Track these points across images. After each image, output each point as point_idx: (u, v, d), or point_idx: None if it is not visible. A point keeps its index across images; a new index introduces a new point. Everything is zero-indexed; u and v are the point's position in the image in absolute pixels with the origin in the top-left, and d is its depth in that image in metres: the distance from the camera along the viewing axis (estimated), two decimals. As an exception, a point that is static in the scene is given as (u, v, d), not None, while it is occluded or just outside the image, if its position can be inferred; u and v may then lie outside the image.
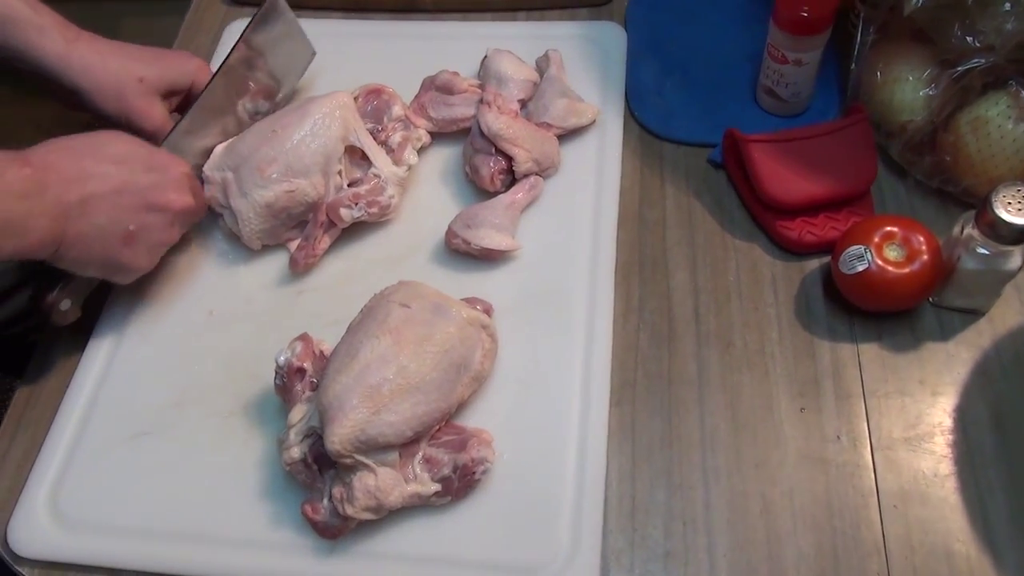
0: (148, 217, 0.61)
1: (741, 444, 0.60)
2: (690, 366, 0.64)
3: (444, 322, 0.58)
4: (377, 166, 0.69)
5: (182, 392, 0.65)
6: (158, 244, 0.64)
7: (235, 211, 0.67)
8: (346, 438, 0.53)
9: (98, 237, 0.59)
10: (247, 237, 0.68)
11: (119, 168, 0.59)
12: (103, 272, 0.62)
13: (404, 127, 0.73)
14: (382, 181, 0.69)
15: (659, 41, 0.81)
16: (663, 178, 0.74)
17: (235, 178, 0.67)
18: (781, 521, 0.57)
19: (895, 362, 0.63)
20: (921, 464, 0.58)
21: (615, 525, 0.58)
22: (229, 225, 0.69)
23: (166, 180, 0.62)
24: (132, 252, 0.62)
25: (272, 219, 0.68)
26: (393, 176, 0.70)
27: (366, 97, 0.73)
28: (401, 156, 0.71)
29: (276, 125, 0.68)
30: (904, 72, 0.68)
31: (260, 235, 0.69)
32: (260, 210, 0.67)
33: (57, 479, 0.62)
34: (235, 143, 0.69)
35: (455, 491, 0.57)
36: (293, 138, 0.67)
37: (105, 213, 0.58)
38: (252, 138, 0.68)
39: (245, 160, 0.67)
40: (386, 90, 0.74)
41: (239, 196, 0.67)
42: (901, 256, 0.61)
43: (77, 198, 0.57)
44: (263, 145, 0.67)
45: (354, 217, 0.68)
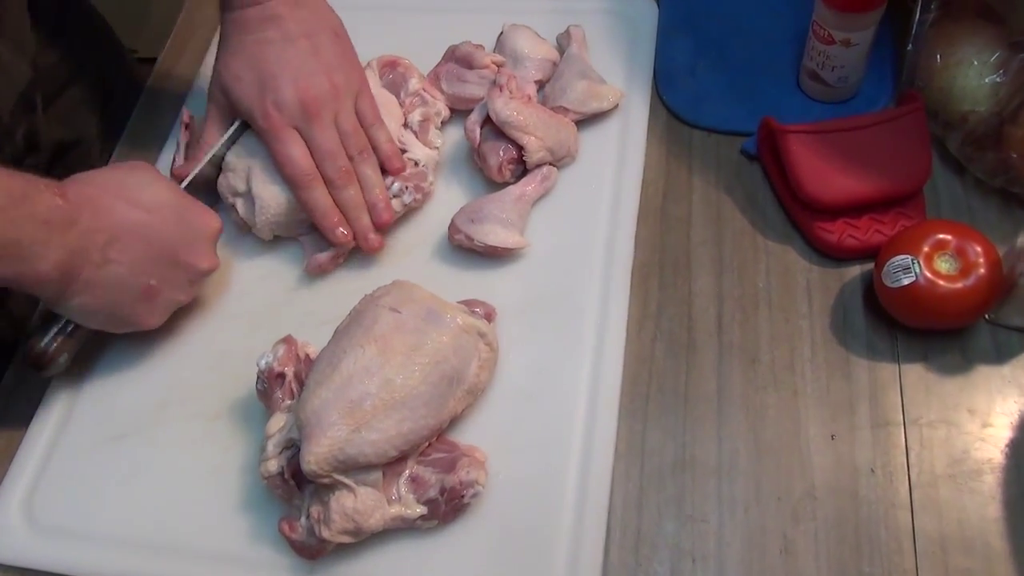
0: (171, 273, 0.57)
1: (762, 473, 0.54)
2: (710, 382, 0.58)
3: (436, 330, 0.53)
4: (412, 151, 0.64)
5: (166, 392, 0.61)
6: (173, 303, 0.59)
7: (255, 197, 0.63)
8: (323, 457, 0.49)
9: (114, 287, 0.55)
10: (261, 226, 0.64)
11: (152, 216, 0.56)
12: (106, 324, 0.58)
13: (422, 102, 0.68)
14: (422, 166, 0.65)
15: (693, 17, 0.74)
16: (691, 170, 0.67)
17: (262, 166, 0.63)
18: (803, 563, 0.51)
19: (942, 387, 0.56)
20: (966, 505, 0.52)
21: (616, 559, 0.52)
22: (243, 215, 0.65)
23: (198, 237, 0.58)
24: (146, 308, 0.57)
25: (293, 214, 0.63)
26: (430, 160, 0.66)
27: (381, 70, 0.68)
28: (427, 138, 0.66)
29: None
30: (968, 55, 0.60)
31: (275, 226, 0.64)
32: (283, 202, 0.63)
33: (32, 482, 0.59)
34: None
35: (442, 515, 0.52)
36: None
37: (128, 263, 0.55)
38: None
39: (261, 147, 0.63)
40: (402, 62, 0.69)
41: (264, 184, 0.63)
42: (954, 268, 0.53)
43: (104, 241, 0.53)
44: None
45: (404, 204, 0.64)
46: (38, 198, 0.51)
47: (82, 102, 0.77)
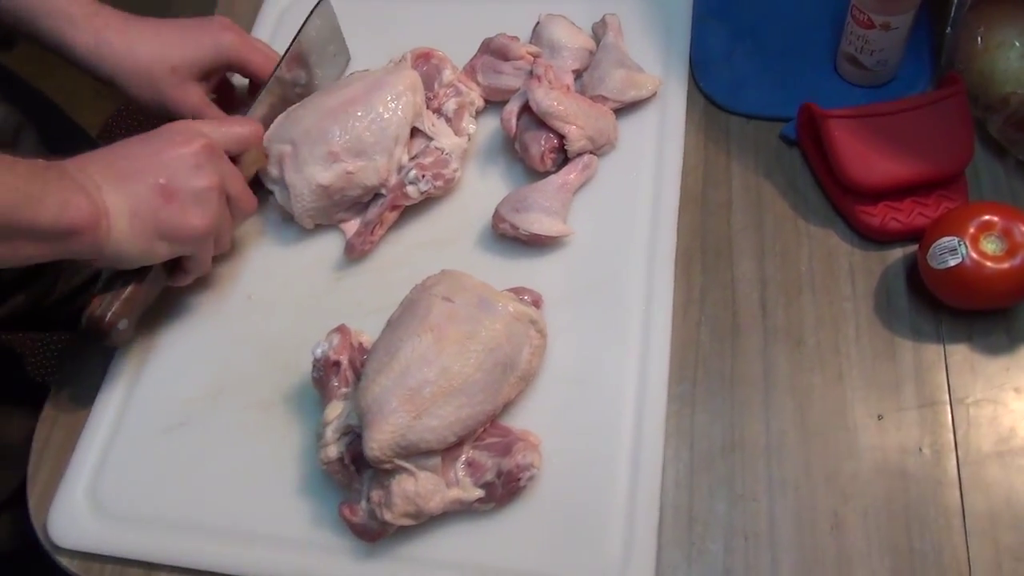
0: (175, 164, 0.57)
1: (811, 453, 0.55)
2: (756, 365, 0.59)
3: (490, 318, 0.54)
4: (438, 139, 0.65)
5: (219, 382, 0.63)
6: (200, 191, 0.58)
7: (289, 186, 0.64)
8: (386, 444, 0.50)
9: (130, 207, 0.55)
10: (299, 215, 0.65)
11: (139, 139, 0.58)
12: (151, 253, 0.57)
13: (456, 92, 0.68)
14: (445, 154, 0.65)
15: (727, 3, 0.75)
16: (730, 156, 0.68)
17: (293, 152, 0.64)
18: (854, 540, 0.52)
19: (987, 367, 0.56)
20: (1014, 483, 0.53)
21: (670, 538, 0.54)
22: (280, 202, 0.66)
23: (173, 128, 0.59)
24: (177, 209, 0.57)
25: (326, 199, 0.64)
26: (456, 148, 0.66)
27: (415, 62, 0.69)
28: (460, 125, 0.67)
29: (340, 99, 0.65)
30: (1010, 37, 0.60)
31: (312, 214, 0.65)
32: (315, 189, 0.64)
33: (95, 470, 0.61)
34: (295, 113, 0.66)
35: (499, 497, 0.54)
36: (360, 118, 0.63)
37: (124, 171, 0.56)
38: (313, 112, 0.65)
39: (306, 134, 0.63)
40: (436, 54, 0.70)
41: (294, 171, 0.64)
42: (1000, 249, 0.54)
43: (98, 172, 0.55)
44: (326, 121, 0.63)
45: (421, 192, 0.65)
46: (40, 162, 0.53)
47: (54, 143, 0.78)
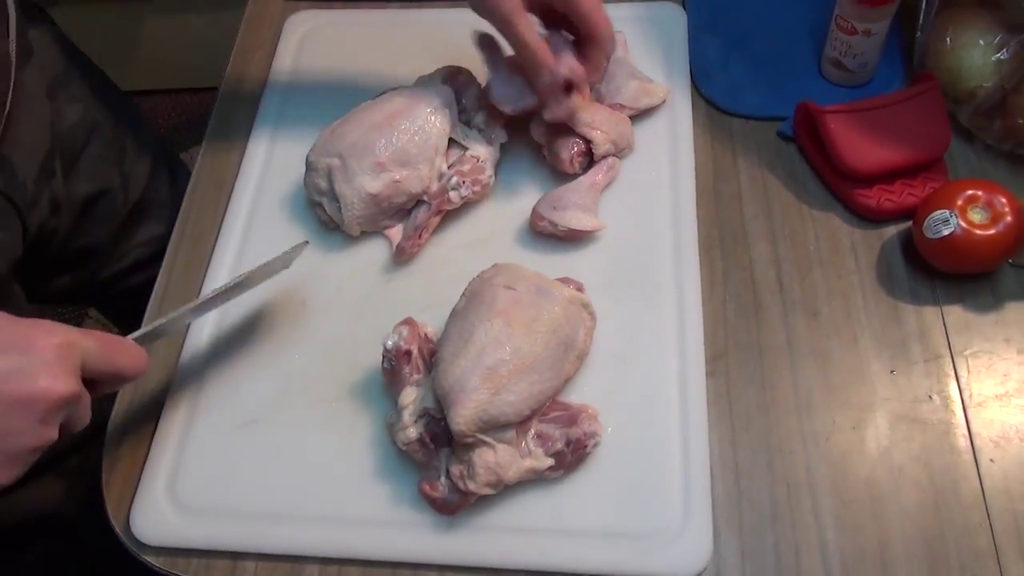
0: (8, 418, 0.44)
1: (835, 408, 0.62)
2: (779, 335, 0.66)
3: (549, 303, 0.60)
4: (473, 148, 0.71)
5: (285, 381, 0.67)
6: (23, 451, 0.45)
7: (339, 196, 0.69)
8: (470, 418, 0.55)
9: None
10: (348, 223, 0.70)
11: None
12: None
13: (482, 105, 0.74)
14: (481, 161, 0.71)
15: (718, 18, 0.83)
16: (735, 153, 0.75)
17: (342, 164, 0.69)
18: (882, 480, 0.59)
19: (979, 322, 0.65)
20: (1013, 420, 0.60)
21: (721, 491, 0.60)
22: (329, 212, 0.71)
23: (32, 362, 0.44)
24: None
25: (374, 207, 0.69)
26: (489, 155, 0.72)
27: (447, 78, 0.75)
28: (490, 135, 0.73)
29: (383, 114, 0.70)
30: (974, 38, 0.69)
31: (361, 221, 0.70)
32: (365, 197, 0.68)
33: (173, 468, 0.64)
34: (339, 128, 0.70)
35: (568, 464, 0.59)
36: (404, 130, 0.69)
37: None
38: (358, 127, 0.69)
39: (353, 147, 0.68)
40: (464, 71, 0.76)
41: (344, 182, 0.68)
42: (986, 218, 0.62)
43: None
44: (372, 134, 0.69)
45: (462, 196, 0.70)
46: None
47: (101, 159, 0.81)
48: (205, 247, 0.75)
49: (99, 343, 0.49)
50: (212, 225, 0.76)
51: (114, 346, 0.50)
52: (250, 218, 0.75)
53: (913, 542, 0.57)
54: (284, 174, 0.77)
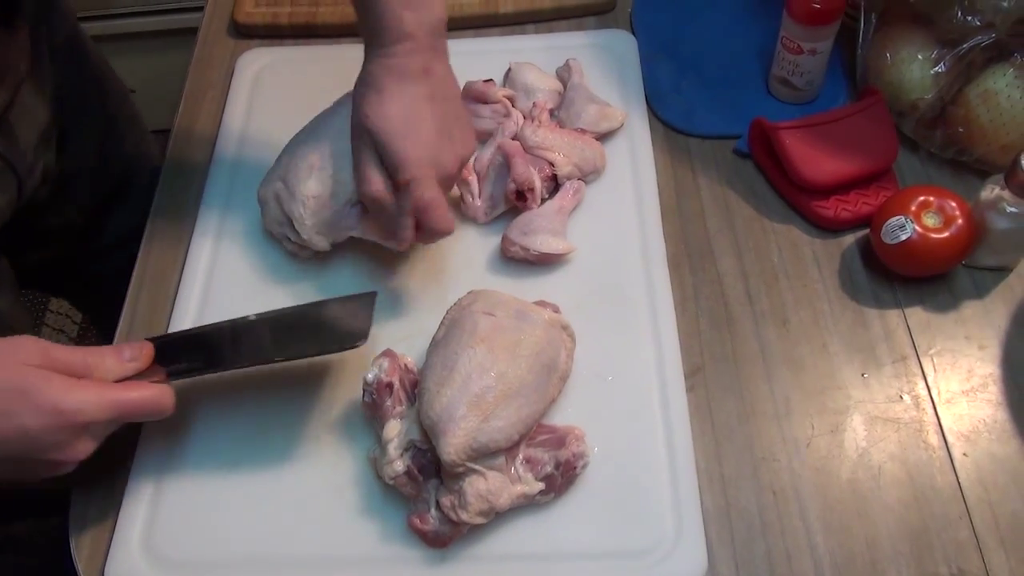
0: (22, 467, 0.52)
1: (813, 413, 0.64)
2: (752, 345, 0.67)
3: (530, 326, 0.60)
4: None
5: (262, 420, 0.65)
6: (55, 466, 0.52)
7: (289, 214, 0.68)
8: (461, 447, 0.55)
9: None
10: (309, 237, 0.68)
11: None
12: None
13: None
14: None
15: (668, 43, 0.85)
16: (694, 172, 0.77)
17: (284, 186, 0.69)
18: (863, 481, 0.61)
19: (940, 322, 0.67)
20: (981, 413, 0.63)
21: (710, 503, 0.60)
22: (292, 239, 0.70)
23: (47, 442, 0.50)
24: (27, 476, 0.52)
25: (325, 209, 0.68)
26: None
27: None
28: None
29: (308, 131, 0.71)
30: (912, 53, 0.73)
31: (320, 229, 0.68)
32: (309, 202, 0.68)
33: (148, 518, 0.61)
34: (278, 161, 0.71)
35: (558, 487, 0.59)
36: (327, 133, 0.69)
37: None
38: (289, 149, 0.71)
39: (288, 166, 0.69)
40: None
41: (290, 199, 0.68)
42: (939, 222, 0.65)
43: None
44: (301, 148, 0.69)
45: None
46: None
47: (87, 136, 0.81)
48: (168, 287, 0.73)
49: (116, 413, 0.52)
50: (174, 266, 0.74)
51: (132, 410, 0.53)
52: (212, 261, 0.74)
53: (899, 539, 0.58)
54: (244, 214, 0.76)
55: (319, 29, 0.89)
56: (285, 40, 0.90)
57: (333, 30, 0.89)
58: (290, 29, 0.90)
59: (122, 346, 0.56)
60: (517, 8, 0.89)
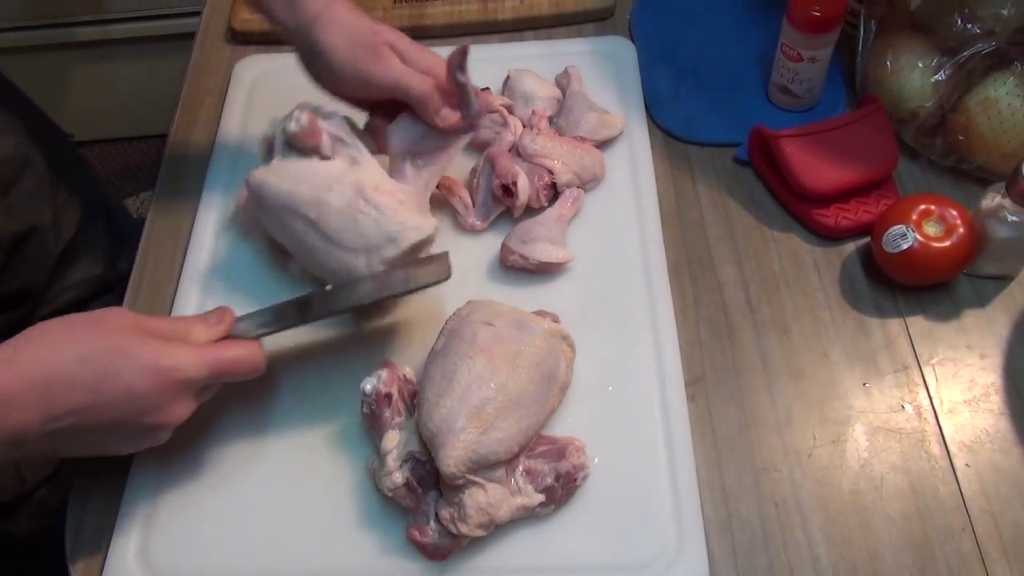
0: (125, 432, 0.54)
1: (814, 423, 0.63)
2: (753, 354, 0.67)
3: (530, 336, 0.59)
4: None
5: (259, 432, 0.64)
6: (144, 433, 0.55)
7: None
8: (460, 459, 0.54)
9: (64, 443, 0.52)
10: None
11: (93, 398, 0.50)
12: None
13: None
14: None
15: (667, 49, 0.85)
16: (694, 179, 0.77)
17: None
18: (866, 492, 0.60)
19: (941, 331, 0.67)
20: (983, 423, 0.62)
21: (711, 514, 0.60)
22: (294, 269, 0.69)
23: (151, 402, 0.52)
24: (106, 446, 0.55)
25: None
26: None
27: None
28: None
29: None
30: (912, 61, 0.73)
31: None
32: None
33: (144, 534, 0.60)
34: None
35: (558, 499, 0.58)
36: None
37: (73, 444, 0.52)
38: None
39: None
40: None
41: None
42: (940, 231, 0.65)
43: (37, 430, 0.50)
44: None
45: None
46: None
47: (33, 193, 0.79)
48: (164, 296, 0.72)
49: (213, 371, 0.54)
50: (170, 274, 0.73)
51: (227, 368, 0.55)
52: (209, 269, 0.73)
53: (901, 551, 0.58)
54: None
55: (316, 35, 0.89)
56: (282, 47, 0.89)
57: (331, 36, 0.89)
58: (287, 35, 0.89)
59: (206, 313, 0.58)
60: (515, 15, 0.88)
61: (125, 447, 0.56)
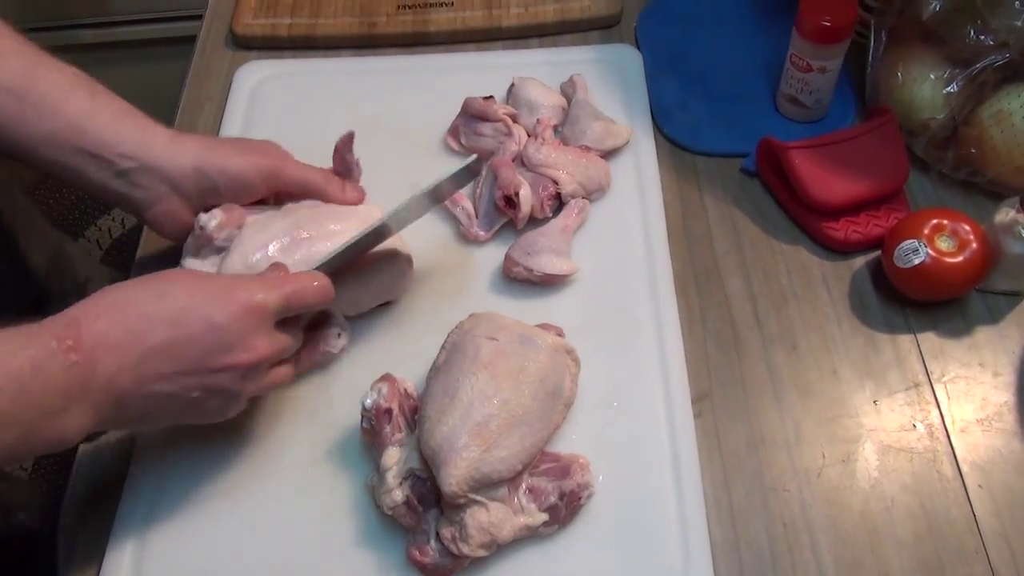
0: (214, 379, 0.52)
1: (824, 441, 0.62)
2: (761, 370, 0.65)
3: (534, 351, 0.58)
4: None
5: (256, 447, 0.63)
6: (233, 400, 0.54)
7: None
8: (462, 478, 0.53)
9: (153, 413, 0.52)
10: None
11: (176, 331, 0.50)
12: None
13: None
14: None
15: (674, 58, 0.84)
16: (701, 191, 0.76)
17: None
18: (876, 513, 0.59)
19: (953, 348, 0.66)
20: (996, 443, 0.61)
21: (719, 535, 0.58)
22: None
23: (234, 335, 0.52)
24: (199, 415, 0.54)
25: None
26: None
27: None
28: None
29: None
30: (923, 72, 0.72)
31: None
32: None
33: (137, 554, 0.59)
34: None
35: (562, 519, 0.57)
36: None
37: (162, 391, 0.51)
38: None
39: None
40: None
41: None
42: (952, 246, 0.64)
43: (130, 380, 0.49)
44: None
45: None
46: (49, 367, 0.46)
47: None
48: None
49: (284, 297, 0.54)
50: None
51: (298, 294, 0.55)
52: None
53: (912, 574, 0.56)
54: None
55: (319, 41, 0.88)
56: (284, 52, 0.88)
57: (333, 42, 0.88)
58: (289, 41, 0.88)
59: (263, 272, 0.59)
60: (520, 22, 0.87)
61: (210, 405, 0.54)
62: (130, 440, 0.64)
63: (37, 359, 0.46)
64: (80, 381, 0.47)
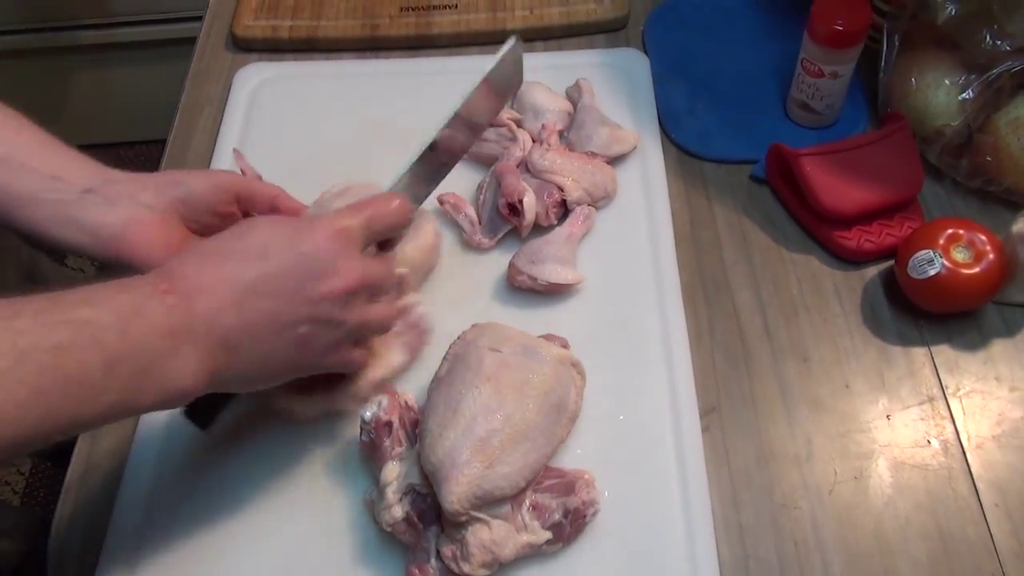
0: (316, 310, 0.50)
1: (835, 457, 0.60)
2: (771, 383, 0.64)
3: (538, 364, 0.56)
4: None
5: (252, 460, 0.62)
6: (343, 335, 0.52)
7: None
8: (464, 495, 0.51)
9: (266, 355, 0.49)
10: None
11: (268, 263, 0.49)
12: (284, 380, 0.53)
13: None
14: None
15: (681, 62, 0.82)
16: (709, 198, 0.74)
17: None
18: (890, 532, 0.57)
19: (968, 362, 0.64)
20: (1013, 460, 0.59)
21: (727, 553, 0.57)
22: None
23: (324, 259, 0.50)
24: (312, 359, 0.52)
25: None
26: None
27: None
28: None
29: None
30: (938, 78, 0.70)
31: None
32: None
33: (130, 567, 0.57)
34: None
35: (566, 536, 0.55)
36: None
37: (266, 324, 0.49)
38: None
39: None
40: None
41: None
42: (968, 257, 0.62)
43: (232, 317, 0.47)
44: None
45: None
46: (149, 307, 0.45)
47: None
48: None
49: (367, 218, 0.53)
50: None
51: (378, 215, 0.54)
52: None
53: (928, 596, 0.55)
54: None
55: (320, 43, 0.86)
56: (285, 54, 0.87)
57: (335, 44, 0.86)
58: (290, 43, 0.87)
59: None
60: (525, 25, 0.86)
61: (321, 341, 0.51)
62: (120, 462, 0.62)
63: (136, 300, 0.45)
64: (182, 321, 0.46)
